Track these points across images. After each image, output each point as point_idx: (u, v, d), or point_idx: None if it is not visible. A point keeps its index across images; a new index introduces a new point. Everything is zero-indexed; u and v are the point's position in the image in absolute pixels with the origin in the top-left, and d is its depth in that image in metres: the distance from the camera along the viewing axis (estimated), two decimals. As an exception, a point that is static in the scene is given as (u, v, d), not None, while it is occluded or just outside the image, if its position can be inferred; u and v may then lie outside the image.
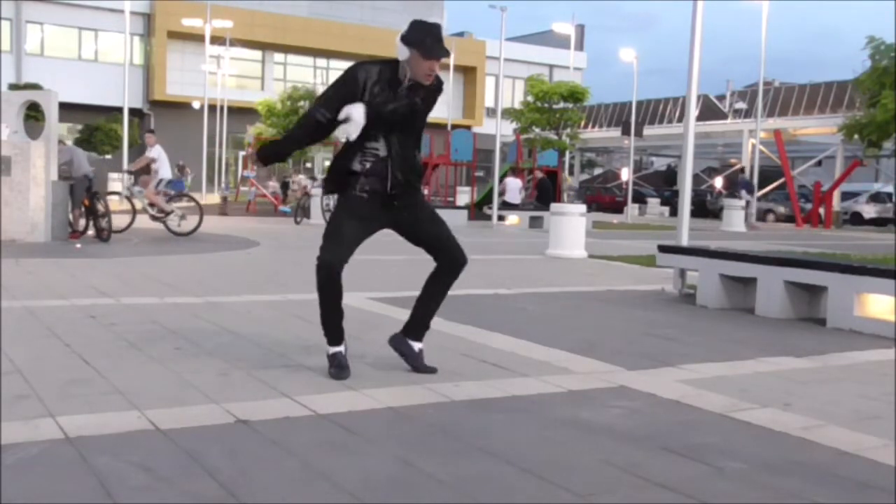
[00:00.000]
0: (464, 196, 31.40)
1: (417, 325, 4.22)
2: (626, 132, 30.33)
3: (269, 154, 4.22)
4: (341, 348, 4.10)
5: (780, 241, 18.79)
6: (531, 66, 45.46)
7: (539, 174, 25.95)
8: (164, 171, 13.37)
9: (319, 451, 2.94)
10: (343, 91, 3.96)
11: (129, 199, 14.21)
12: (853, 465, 2.99)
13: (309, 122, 4.07)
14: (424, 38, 3.86)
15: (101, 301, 6.23)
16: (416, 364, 4.17)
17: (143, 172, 13.78)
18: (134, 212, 13.73)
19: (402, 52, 3.88)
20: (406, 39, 3.87)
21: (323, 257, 3.96)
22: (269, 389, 3.77)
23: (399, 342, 4.22)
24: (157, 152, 13.30)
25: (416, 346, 4.21)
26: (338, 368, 4.04)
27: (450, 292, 4.24)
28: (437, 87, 4.02)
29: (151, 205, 13.29)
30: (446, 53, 3.92)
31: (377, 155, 3.98)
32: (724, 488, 2.72)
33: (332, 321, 4.08)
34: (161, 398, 3.55)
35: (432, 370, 4.16)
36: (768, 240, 19.48)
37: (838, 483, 2.81)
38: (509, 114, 29.34)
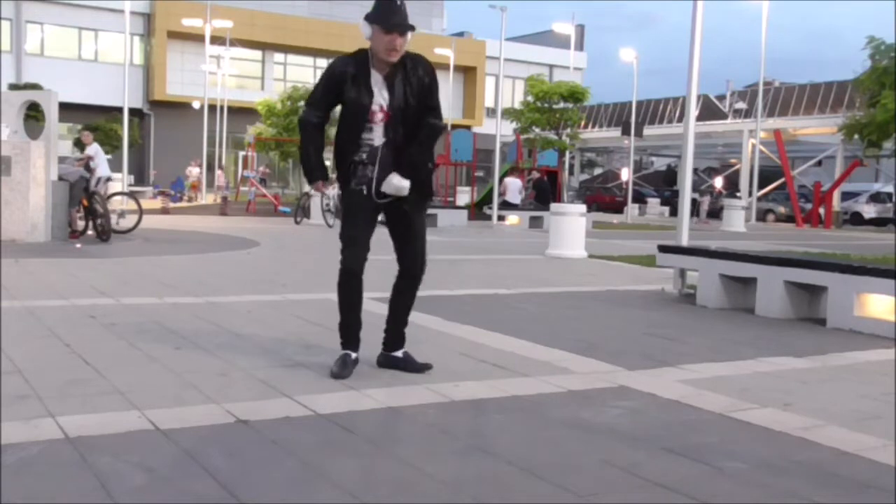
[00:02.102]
0: (464, 196, 31.41)
1: (394, 339, 4.26)
2: (626, 132, 30.34)
3: (307, 173, 4.16)
4: (353, 353, 4.13)
5: (780, 241, 18.79)
6: (531, 66, 45.47)
7: (535, 174, 25.96)
8: (102, 168, 13.31)
9: (319, 451, 2.94)
10: (327, 89, 4.01)
11: (134, 197, 14.27)
12: (853, 465, 2.99)
13: (307, 128, 4.08)
14: (385, 12, 3.87)
15: (101, 301, 6.23)
16: (409, 368, 4.18)
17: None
18: (141, 211, 13.72)
19: (365, 31, 3.92)
20: (369, 16, 3.91)
21: (345, 263, 4.05)
22: (269, 389, 3.76)
23: (385, 360, 4.26)
24: (94, 150, 13.28)
25: (399, 353, 4.24)
26: (341, 367, 4.05)
27: (450, 292, 4.25)
28: (422, 71, 3.99)
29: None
30: (409, 27, 3.89)
31: (371, 145, 4.01)
32: (724, 488, 2.72)
33: (350, 323, 4.12)
34: (161, 398, 3.55)
35: (427, 367, 4.18)
36: (768, 240, 19.48)
37: (838, 483, 2.81)
38: (509, 114, 29.36)
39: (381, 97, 3.96)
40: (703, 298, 7.19)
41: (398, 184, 3.97)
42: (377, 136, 4.00)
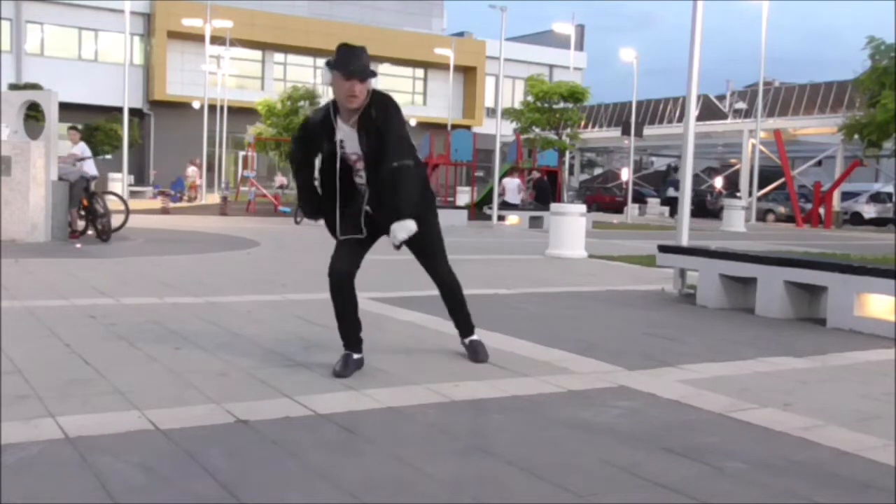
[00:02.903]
0: (464, 196, 31.42)
1: (458, 326, 4.64)
2: (626, 132, 30.34)
3: (307, 209, 4.37)
4: (355, 354, 4.16)
5: (780, 241, 18.79)
6: (531, 66, 45.45)
7: (535, 174, 25.97)
8: (89, 167, 13.16)
9: (319, 451, 2.94)
10: (305, 133, 4.23)
11: (121, 197, 14.26)
12: (853, 465, 2.99)
13: (293, 162, 4.32)
14: (345, 58, 3.90)
15: (101, 301, 6.23)
16: (470, 356, 4.52)
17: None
18: (127, 211, 13.67)
19: (326, 77, 3.96)
20: (329, 62, 3.95)
21: (333, 266, 4.13)
22: (269, 389, 3.77)
23: (463, 343, 4.62)
24: (80, 149, 13.15)
25: (467, 340, 4.59)
26: (342, 366, 4.08)
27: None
28: (375, 112, 3.96)
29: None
30: (369, 74, 3.90)
31: (362, 186, 4.16)
32: (724, 488, 2.72)
33: (347, 327, 4.18)
34: (161, 398, 3.55)
35: (482, 361, 4.46)
36: (768, 240, 19.48)
37: (838, 483, 2.81)
38: (509, 114, 29.35)
39: (351, 145, 4.03)
40: (703, 298, 7.19)
41: (400, 235, 3.94)
42: (363, 179, 4.14)
